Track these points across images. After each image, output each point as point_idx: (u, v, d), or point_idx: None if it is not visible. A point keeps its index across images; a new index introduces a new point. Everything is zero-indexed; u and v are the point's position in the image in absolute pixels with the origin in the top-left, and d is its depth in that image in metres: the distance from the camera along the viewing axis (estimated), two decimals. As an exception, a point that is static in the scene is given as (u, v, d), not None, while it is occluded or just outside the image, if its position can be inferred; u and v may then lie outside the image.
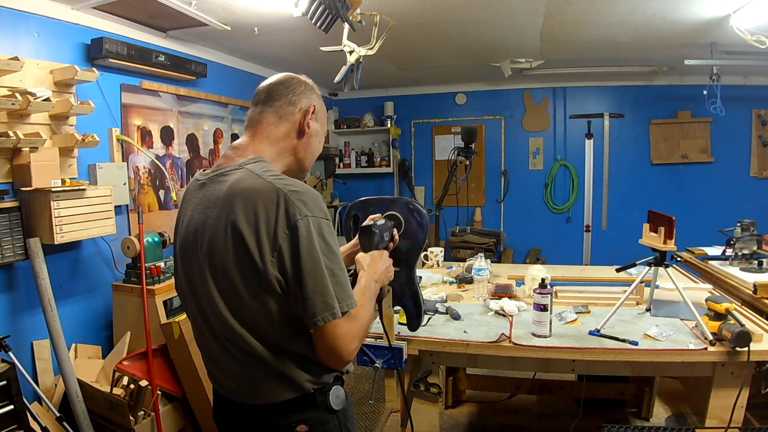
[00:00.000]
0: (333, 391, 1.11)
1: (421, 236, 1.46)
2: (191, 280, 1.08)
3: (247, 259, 0.96)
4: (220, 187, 1.03)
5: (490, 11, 2.82)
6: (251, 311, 0.99)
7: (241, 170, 1.04)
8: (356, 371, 3.59)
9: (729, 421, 1.62)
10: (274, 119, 1.14)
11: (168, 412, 2.37)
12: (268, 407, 1.06)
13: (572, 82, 4.86)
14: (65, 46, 2.43)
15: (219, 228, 0.99)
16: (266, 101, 1.14)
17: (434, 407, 1.84)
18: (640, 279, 1.98)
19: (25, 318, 2.24)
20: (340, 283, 0.99)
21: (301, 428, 1.06)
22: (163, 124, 3.10)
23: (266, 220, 0.96)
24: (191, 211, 1.09)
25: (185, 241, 1.09)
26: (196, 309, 1.09)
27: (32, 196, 2.15)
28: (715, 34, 3.14)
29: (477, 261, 2.48)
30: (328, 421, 1.09)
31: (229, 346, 1.04)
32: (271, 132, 1.13)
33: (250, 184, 1.00)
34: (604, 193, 4.40)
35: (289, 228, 0.95)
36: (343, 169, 5.45)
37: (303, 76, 1.20)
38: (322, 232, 0.98)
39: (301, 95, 1.16)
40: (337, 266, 0.99)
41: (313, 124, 1.17)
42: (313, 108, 1.17)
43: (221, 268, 0.99)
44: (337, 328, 0.97)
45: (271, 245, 0.95)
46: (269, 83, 1.17)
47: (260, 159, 1.09)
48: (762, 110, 4.54)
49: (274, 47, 3.48)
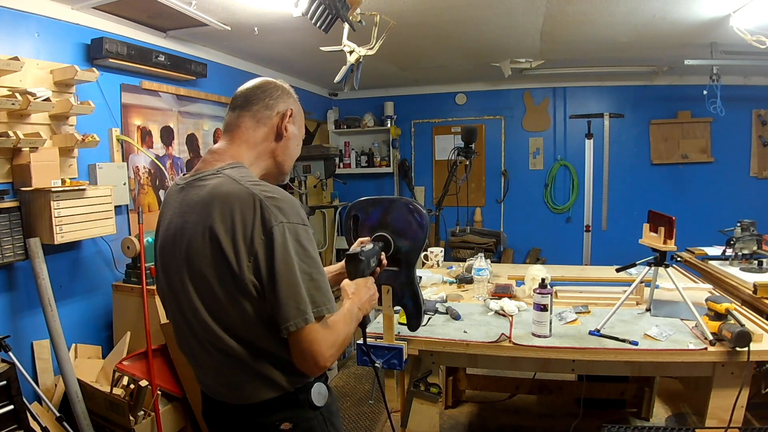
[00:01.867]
0: (315, 388, 1.12)
1: (421, 236, 1.47)
2: (171, 282, 1.09)
3: (224, 263, 0.98)
4: (198, 192, 1.05)
5: (490, 11, 2.82)
6: (228, 313, 1.01)
7: (220, 175, 1.06)
8: (356, 371, 3.59)
9: (729, 421, 1.62)
10: (251, 123, 1.15)
11: (168, 412, 2.37)
12: (250, 407, 1.08)
13: (572, 82, 4.86)
14: (65, 46, 2.43)
15: (197, 232, 1.01)
16: (244, 106, 1.16)
17: (434, 407, 1.84)
18: (640, 279, 1.98)
19: (25, 318, 2.24)
20: (319, 287, 1.01)
21: (285, 426, 1.08)
22: (163, 124, 3.10)
23: (243, 225, 0.97)
24: (170, 214, 1.11)
25: (164, 245, 1.11)
26: (177, 311, 1.10)
27: (32, 196, 2.15)
28: (715, 34, 3.14)
29: (477, 261, 2.48)
30: (311, 417, 1.11)
31: (210, 347, 1.05)
32: (249, 136, 1.15)
33: (227, 190, 1.01)
34: (604, 193, 4.40)
35: (265, 233, 0.97)
36: (343, 169, 5.44)
37: (280, 81, 1.22)
38: (299, 237, 1.00)
39: (278, 99, 1.18)
40: (315, 270, 1.01)
41: (291, 128, 1.20)
42: (291, 111, 1.19)
43: (199, 271, 1.01)
44: (312, 333, 0.98)
45: (247, 250, 0.97)
46: (246, 88, 1.19)
47: (238, 164, 1.10)
48: (762, 110, 4.54)
49: (274, 47, 3.48)
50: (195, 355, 1.11)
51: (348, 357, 3.81)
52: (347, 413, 3.01)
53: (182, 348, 1.16)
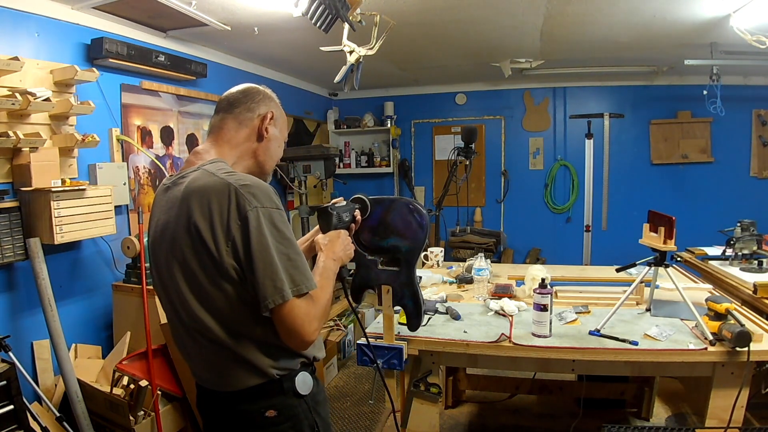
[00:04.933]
0: (299, 377, 1.16)
1: (421, 236, 1.47)
2: (161, 276, 1.16)
3: (204, 251, 1.04)
4: (179, 188, 1.12)
5: (490, 11, 2.82)
6: (213, 299, 1.06)
7: (198, 171, 1.13)
8: (356, 371, 3.60)
9: (729, 421, 1.62)
10: (234, 125, 1.23)
11: (168, 412, 2.37)
12: (236, 394, 1.12)
13: (572, 82, 4.86)
14: (65, 46, 2.43)
15: (179, 225, 1.08)
16: (227, 109, 1.24)
17: (434, 407, 1.84)
18: (640, 279, 1.98)
19: (25, 318, 2.24)
20: (297, 267, 1.06)
21: (270, 413, 1.12)
22: (163, 124, 3.10)
23: (219, 213, 1.03)
24: (158, 213, 1.18)
25: (154, 241, 1.18)
26: (168, 304, 1.16)
27: (32, 196, 2.15)
28: (715, 34, 3.14)
29: (477, 261, 2.48)
30: (296, 405, 1.15)
31: (197, 335, 1.10)
32: (231, 137, 1.22)
33: (204, 182, 1.08)
34: (604, 193, 4.40)
35: (240, 219, 1.03)
36: (343, 169, 5.44)
37: (263, 86, 1.30)
38: (273, 221, 1.05)
39: (259, 103, 1.25)
40: (292, 251, 1.06)
41: (272, 129, 1.26)
42: (271, 114, 1.26)
43: (183, 261, 1.07)
44: (295, 308, 1.03)
45: (225, 236, 1.03)
46: (230, 93, 1.27)
47: (218, 160, 1.17)
48: (762, 110, 4.54)
49: (274, 47, 3.48)
50: (185, 345, 1.17)
51: (348, 357, 3.81)
52: (347, 413, 3.01)
53: (175, 340, 1.21)
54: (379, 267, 1.52)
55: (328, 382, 3.41)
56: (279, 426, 1.13)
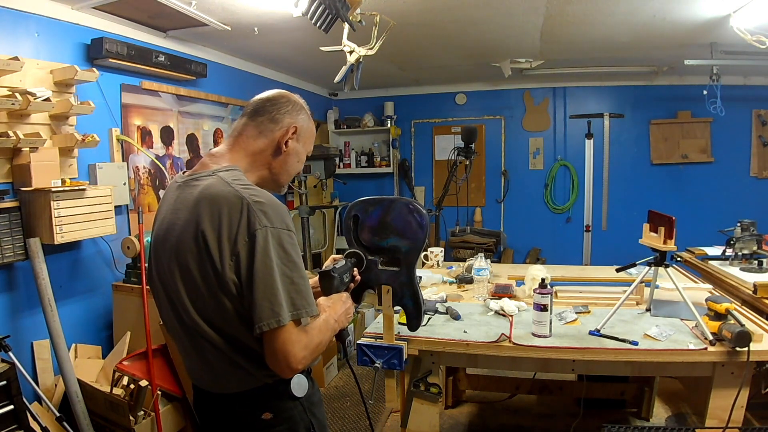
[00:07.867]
0: (294, 380, 1.15)
1: (421, 236, 1.47)
2: (161, 274, 1.14)
3: (208, 260, 1.03)
4: (192, 191, 1.09)
5: (490, 11, 2.82)
6: (210, 308, 1.05)
7: (213, 177, 1.10)
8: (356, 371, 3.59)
9: (728, 421, 1.62)
10: (254, 133, 1.19)
11: (168, 412, 2.37)
12: (232, 396, 1.12)
13: (572, 82, 4.86)
14: (65, 46, 2.43)
15: (186, 229, 1.06)
16: (252, 115, 1.21)
17: (434, 407, 1.84)
18: (640, 279, 1.98)
19: (25, 318, 2.24)
20: (299, 291, 1.04)
21: (266, 416, 1.12)
22: (163, 124, 3.10)
23: (229, 226, 1.02)
24: (165, 210, 1.16)
25: (157, 238, 1.16)
26: (167, 301, 1.14)
27: (32, 196, 2.15)
28: (715, 34, 3.14)
29: (477, 261, 2.48)
30: (291, 407, 1.15)
31: (195, 335, 1.10)
32: (248, 144, 1.19)
33: (217, 191, 1.05)
34: (604, 193, 4.40)
35: (248, 236, 1.01)
36: (343, 169, 5.45)
37: (295, 96, 1.25)
38: (282, 242, 1.03)
39: (285, 114, 1.20)
40: (296, 274, 1.04)
41: (293, 144, 1.22)
42: (294, 129, 1.21)
43: (185, 265, 1.06)
44: (286, 333, 1.01)
45: (230, 250, 1.01)
46: (259, 98, 1.23)
47: (233, 167, 1.14)
48: (762, 110, 4.54)
49: (274, 47, 3.48)
50: (183, 344, 1.16)
51: (348, 357, 3.80)
52: (347, 413, 3.00)
53: (173, 337, 1.20)
54: (379, 267, 1.52)
55: (328, 382, 3.41)
56: (275, 428, 1.13)
